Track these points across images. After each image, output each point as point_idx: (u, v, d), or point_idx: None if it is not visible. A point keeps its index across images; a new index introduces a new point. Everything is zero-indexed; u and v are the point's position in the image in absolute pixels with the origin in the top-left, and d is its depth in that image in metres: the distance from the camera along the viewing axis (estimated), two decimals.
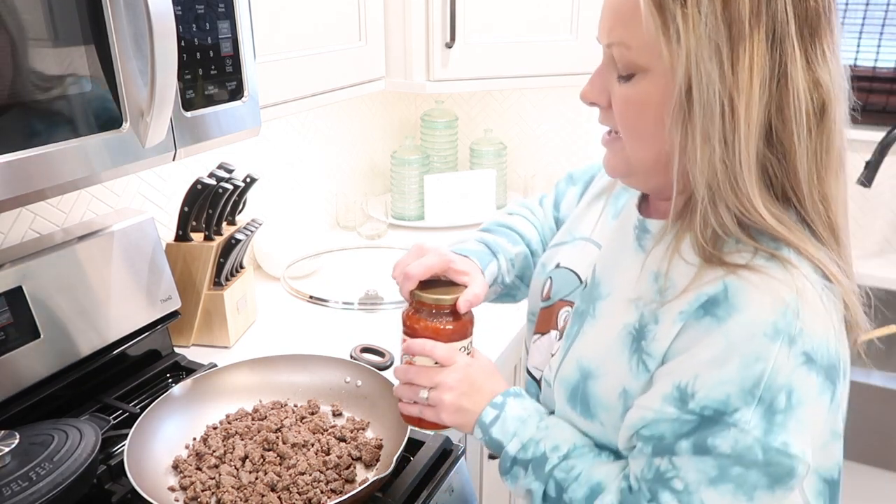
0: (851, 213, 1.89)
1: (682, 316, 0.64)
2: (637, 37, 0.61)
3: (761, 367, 0.59)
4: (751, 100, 0.59)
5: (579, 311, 0.77)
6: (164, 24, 0.76)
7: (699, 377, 0.61)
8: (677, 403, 0.62)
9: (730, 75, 0.58)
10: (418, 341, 0.79)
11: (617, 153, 0.70)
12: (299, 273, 1.63)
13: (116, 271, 1.14)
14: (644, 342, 0.67)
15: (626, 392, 0.69)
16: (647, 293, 0.69)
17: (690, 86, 0.59)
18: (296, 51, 1.22)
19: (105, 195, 1.29)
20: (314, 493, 0.89)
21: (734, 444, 0.60)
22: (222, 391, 1.08)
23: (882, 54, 1.83)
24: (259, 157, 1.67)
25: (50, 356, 1.03)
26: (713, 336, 0.61)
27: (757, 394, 0.59)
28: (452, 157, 2.10)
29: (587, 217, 0.88)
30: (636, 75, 0.63)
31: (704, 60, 0.58)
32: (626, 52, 0.63)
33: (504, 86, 1.70)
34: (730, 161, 0.60)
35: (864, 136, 1.80)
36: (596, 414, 0.72)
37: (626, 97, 0.65)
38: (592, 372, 0.72)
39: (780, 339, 0.59)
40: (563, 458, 0.71)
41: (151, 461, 0.94)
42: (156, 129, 0.81)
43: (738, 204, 0.61)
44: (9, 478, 0.78)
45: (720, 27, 0.57)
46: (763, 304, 0.60)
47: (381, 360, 1.14)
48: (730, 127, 0.59)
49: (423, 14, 1.54)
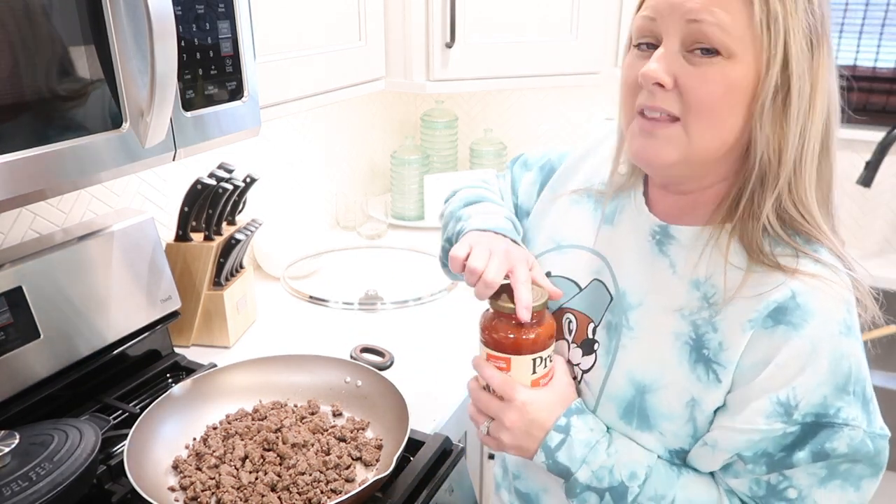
0: (851, 213, 1.90)
1: (751, 324, 0.65)
2: (738, 22, 0.61)
3: (847, 363, 0.63)
4: (822, 97, 0.64)
5: (612, 325, 0.76)
6: (164, 24, 0.76)
7: (797, 387, 0.63)
8: (783, 418, 0.64)
9: (814, 69, 0.62)
10: (483, 365, 0.76)
11: (670, 139, 0.66)
12: (299, 273, 1.63)
13: (116, 271, 1.14)
14: (707, 351, 0.68)
15: (694, 401, 0.69)
16: (691, 302, 0.70)
17: (789, 76, 0.61)
18: (296, 51, 1.22)
19: (105, 195, 1.29)
20: (314, 493, 0.89)
21: (850, 442, 0.63)
22: (222, 391, 1.08)
23: (882, 54, 1.83)
24: (259, 157, 1.67)
25: (50, 356, 1.03)
26: (795, 343, 0.63)
27: (850, 388, 0.63)
28: (452, 157, 2.09)
29: (571, 223, 0.85)
30: (719, 56, 0.62)
31: (801, 52, 0.61)
32: (721, 33, 0.61)
33: (504, 86, 1.70)
34: (801, 153, 0.64)
35: (864, 136, 1.80)
36: (656, 425, 0.71)
37: (712, 78, 0.62)
38: (649, 386, 0.72)
39: (852, 333, 0.64)
40: (643, 484, 0.70)
41: (151, 461, 0.94)
42: (156, 129, 0.81)
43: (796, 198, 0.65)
44: (9, 478, 0.78)
45: (812, 21, 0.62)
46: (831, 305, 0.64)
47: (381, 360, 1.14)
48: (809, 119, 0.63)
49: (423, 14, 1.54)
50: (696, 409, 0.69)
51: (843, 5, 1.83)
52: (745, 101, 0.63)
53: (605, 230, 0.81)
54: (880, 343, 1.68)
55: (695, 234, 0.71)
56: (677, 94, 0.64)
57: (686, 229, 0.72)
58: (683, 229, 0.72)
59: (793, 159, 0.64)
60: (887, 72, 1.84)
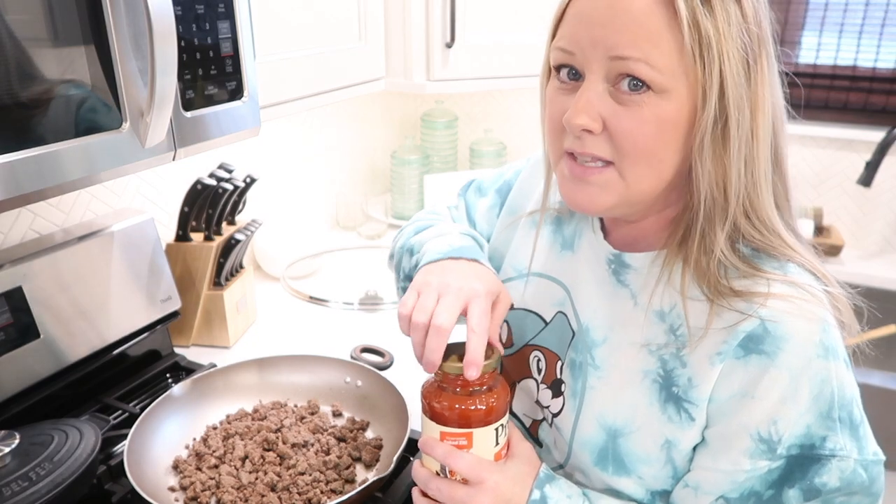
0: (851, 213, 1.90)
1: (720, 357, 0.61)
2: (667, 53, 0.56)
3: (829, 388, 0.59)
4: (765, 117, 0.59)
5: (577, 363, 0.71)
6: (164, 24, 0.76)
7: (778, 420, 0.59)
8: (767, 455, 0.60)
9: (752, 92, 0.58)
10: (439, 448, 0.65)
11: (605, 185, 0.62)
12: (299, 273, 1.63)
13: (116, 271, 1.14)
14: (677, 388, 0.64)
15: (669, 443, 0.65)
16: (657, 336, 0.66)
17: (726, 105, 0.57)
18: (296, 51, 1.22)
19: (105, 195, 1.29)
20: (314, 493, 0.89)
21: (841, 475, 0.59)
22: (222, 391, 1.08)
23: (882, 54, 1.83)
24: (259, 157, 1.67)
25: (50, 356, 1.03)
26: (771, 373, 0.59)
27: (835, 415, 0.59)
28: (452, 157, 2.09)
29: (528, 248, 0.80)
30: (649, 91, 0.57)
31: (738, 77, 0.56)
32: (649, 70, 0.56)
33: (504, 86, 1.70)
34: (752, 181, 0.60)
35: (864, 136, 1.80)
36: (634, 469, 0.67)
37: (643, 118, 0.58)
38: (620, 430, 0.67)
39: (830, 355, 0.59)
40: None
41: (151, 461, 0.94)
42: (156, 130, 0.81)
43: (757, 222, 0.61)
44: (9, 478, 0.78)
45: (748, 41, 0.57)
46: (804, 327, 0.59)
47: (381, 360, 1.14)
48: (753, 145, 0.59)
49: (423, 14, 1.54)
50: (672, 451, 0.65)
51: (843, 5, 1.84)
52: (682, 136, 0.59)
53: (565, 256, 0.76)
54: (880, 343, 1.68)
55: (649, 259, 0.67)
56: (607, 136, 0.59)
57: (640, 256, 0.68)
58: (637, 256, 0.68)
59: (742, 190, 0.59)
60: (887, 72, 1.84)
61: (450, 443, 0.65)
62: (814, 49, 1.89)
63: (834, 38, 1.87)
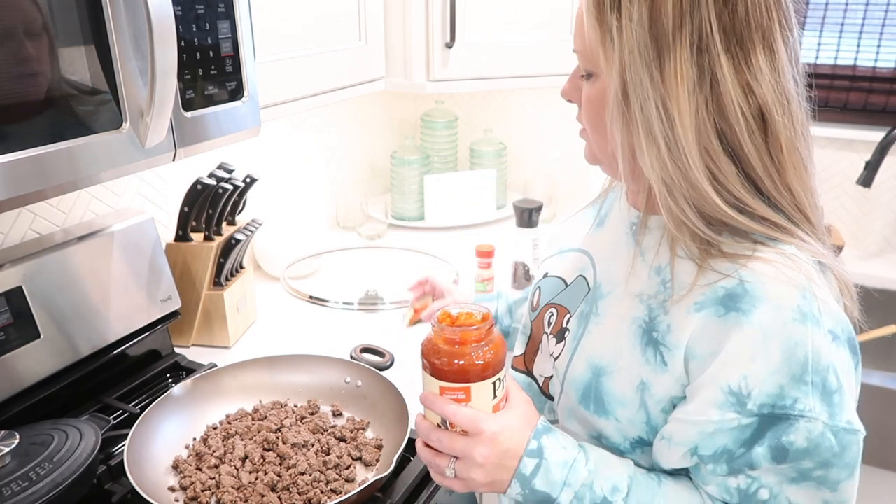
0: (851, 213, 1.90)
1: (697, 306, 0.64)
2: (586, 44, 0.68)
3: (803, 351, 0.60)
4: (681, 104, 0.63)
5: (583, 313, 0.77)
6: (164, 24, 0.76)
7: (748, 376, 0.61)
8: (736, 407, 0.62)
9: (660, 82, 0.63)
10: (439, 402, 0.68)
11: (587, 145, 0.76)
12: (299, 273, 1.63)
13: (116, 271, 1.14)
14: (657, 333, 0.68)
15: (644, 385, 0.68)
16: (650, 287, 0.71)
17: (626, 90, 0.64)
18: (296, 51, 1.22)
19: (105, 195, 1.29)
20: (314, 493, 0.89)
21: (808, 436, 0.60)
22: (222, 391, 1.08)
23: (882, 54, 1.83)
24: (259, 157, 1.67)
25: (50, 356, 1.03)
26: (745, 330, 0.61)
27: (808, 378, 0.60)
28: (452, 157, 2.09)
29: (570, 230, 0.91)
30: (592, 77, 0.70)
31: (637, 69, 0.63)
32: (583, 59, 0.70)
33: (504, 86, 1.70)
34: (677, 160, 0.64)
35: (864, 136, 1.80)
36: (611, 410, 0.71)
37: (586, 96, 0.72)
38: (604, 368, 0.72)
39: (808, 321, 0.61)
40: (626, 497, 0.67)
41: (151, 461, 0.94)
42: (156, 130, 0.81)
43: (696, 196, 0.65)
44: (9, 478, 0.78)
45: (648, 39, 0.63)
46: (782, 290, 0.62)
47: (381, 360, 1.14)
48: (669, 129, 0.63)
49: (422, 14, 1.54)
50: (645, 394, 0.68)
51: (843, 5, 1.84)
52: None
53: (596, 231, 0.85)
54: (880, 343, 1.68)
55: (659, 221, 0.72)
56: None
57: (654, 217, 0.74)
58: (653, 217, 0.74)
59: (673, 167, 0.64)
60: (887, 72, 1.84)
61: (449, 397, 0.68)
62: (814, 49, 1.89)
63: (834, 38, 1.87)
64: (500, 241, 1.72)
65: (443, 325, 0.68)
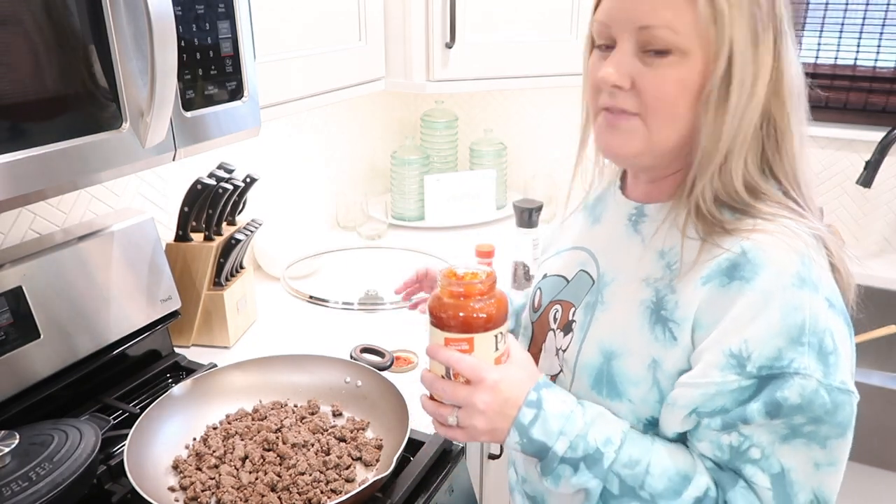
0: (851, 213, 1.90)
1: (703, 280, 0.67)
2: (685, 21, 0.64)
3: (801, 315, 0.63)
4: (763, 80, 0.66)
5: (589, 304, 0.79)
6: (164, 24, 0.76)
7: (748, 339, 0.63)
8: (736, 369, 0.64)
9: (758, 59, 0.66)
10: (443, 352, 0.72)
11: (633, 131, 0.70)
12: (299, 273, 1.63)
13: (116, 271, 1.14)
14: (665, 311, 0.70)
15: (655, 363, 0.70)
16: (656, 270, 0.73)
17: (732, 70, 0.65)
18: (295, 51, 1.22)
19: (105, 195, 1.29)
20: (314, 493, 0.89)
21: (802, 391, 0.62)
22: (222, 391, 1.08)
23: (882, 54, 1.83)
24: (259, 157, 1.67)
25: (50, 356, 1.03)
26: (747, 295, 0.64)
27: (804, 340, 0.62)
28: (452, 157, 2.09)
29: (564, 233, 0.92)
30: (670, 57, 0.66)
31: (744, 48, 0.65)
32: (671, 35, 0.65)
33: (504, 86, 1.70)
34: (736, 136, 0.67)
35: (864, 136, 1.80)
36: (624, 392, 0.72)
37: (665, 77, 0.67)
38: (615, 352, 0.73)
39: (807, 286, 0.64)
40: (618, 449, 0.69)
41: (151, 461, 0.94)
42: (156, 130, 0.81)
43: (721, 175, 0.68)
44: (9, 478, 0.78)
45: (752, 19, 0.65)
46: (782, 257, 0.64)
47: (381, 360, 1.14)
48: (746, 104, 0.66)
49: (422, 14, 1.54)
50: (657, 371, 0.70)
51: (844, 5, 1.83)
52: (695, 93, 0.67)
53: (592, 228, 0.86)
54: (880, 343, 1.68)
55: (660, 208, 0.75)
56: (635, 93, 0.69)
57: (654, 206, 0.77)
58: (652, 206, 0.77)
59: (726, 146, 0.67)
60: (887, 72, 1.84)
61: (453, 347, 0.72)
62: (814, 49, 1.89)
63: (834, 38, 1.87)
64: (500, 241, 1.72)
65: (449, 279, 0.72)
